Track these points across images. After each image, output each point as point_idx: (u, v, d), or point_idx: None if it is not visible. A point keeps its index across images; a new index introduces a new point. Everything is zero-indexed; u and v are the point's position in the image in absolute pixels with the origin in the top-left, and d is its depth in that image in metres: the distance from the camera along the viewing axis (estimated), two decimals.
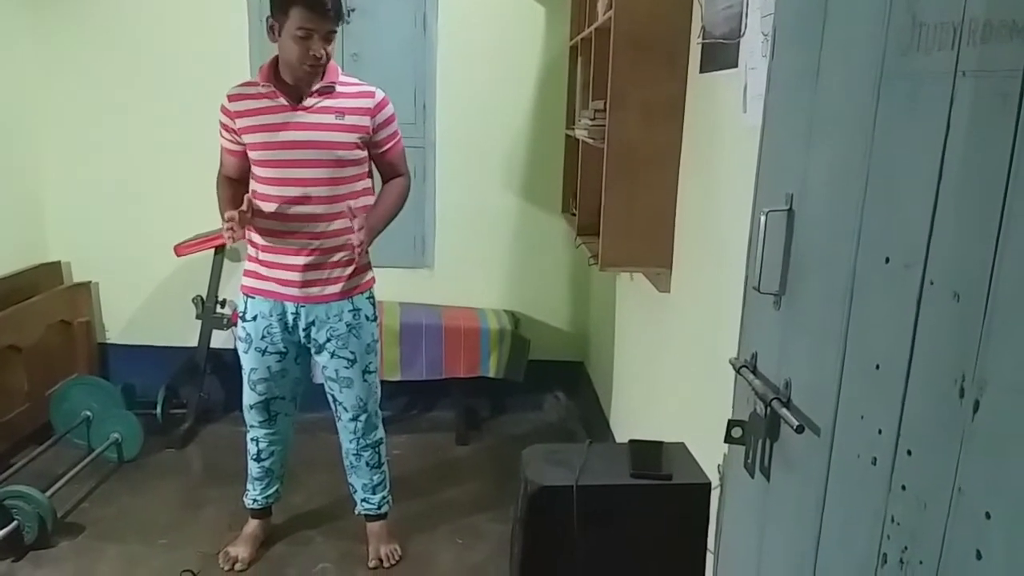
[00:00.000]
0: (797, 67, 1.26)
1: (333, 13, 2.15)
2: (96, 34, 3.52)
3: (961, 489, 0.80)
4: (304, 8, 2.11)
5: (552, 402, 3.94)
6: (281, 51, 2.21)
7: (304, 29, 2.13)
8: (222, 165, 2.43)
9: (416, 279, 3.71)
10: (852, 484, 1.03)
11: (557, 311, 3.87)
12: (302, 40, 2.14)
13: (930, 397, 0.86)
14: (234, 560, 2.57)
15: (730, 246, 1.76)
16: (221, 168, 2.44)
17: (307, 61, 2.17)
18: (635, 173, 2.23)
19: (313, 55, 2.16)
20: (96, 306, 3.78)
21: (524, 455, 1.77)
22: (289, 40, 2.15)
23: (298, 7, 2.11)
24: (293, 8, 2.12)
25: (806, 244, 1.20)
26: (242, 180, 2.38)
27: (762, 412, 1.28)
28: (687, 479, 1.68)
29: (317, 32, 2.14)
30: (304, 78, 2.23)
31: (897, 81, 0.96)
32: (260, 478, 2.62)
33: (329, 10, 2.13)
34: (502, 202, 3.71)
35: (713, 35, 1.91)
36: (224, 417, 3.65)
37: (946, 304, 0.84)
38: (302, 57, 2.16)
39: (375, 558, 2.61)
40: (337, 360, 2.42)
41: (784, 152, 1.30)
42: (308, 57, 2.16)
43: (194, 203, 3.26)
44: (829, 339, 1.09)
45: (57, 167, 3.64)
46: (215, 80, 2.62)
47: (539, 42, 3.55)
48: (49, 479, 2.87)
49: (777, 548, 1.29)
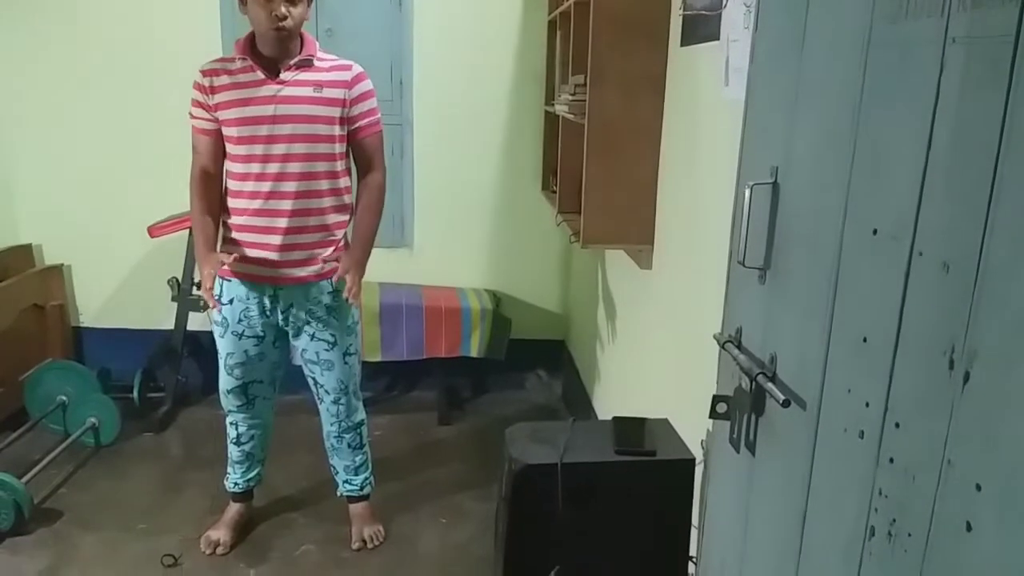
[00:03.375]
0: (781, 37, 1.24)
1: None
2: (64, 15, 3.42)
3: (951, 461, 0.79)
4: None
5: (534, 381, 3.94)
6: (251, 21, 2.17)
7: None
8: (196, 154, 2.30)
9: (396, 259, 3.67)
10: (839, 458, 1.03)
11: (538, 290, 3.86)
12: (266, 3, 2.10)
13: (919, 369, 0.86)
14: (216, 544, 2.55)
15: (712, 221, 1.75)
16: (195, 160, 2.30)
17: (272, 24, 2.12)
18: (616, 149, 2.21)
19: (275, 16, 2.11)
20: (69, 289, 3.71)
21: (508, 434, 1.76)
22: (255, 5, 2.11)
23: None
24: None
25: (791, 217, 1.19)
26: (218, 174, 2.32)
27: (747, 387, 1.28)
28: (671, 455, 1.69)
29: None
30: (275, 44, 2.18)
31: (885, 49, 0.94)
32: (240, 461, 2.59)
33: None
34: (482, 180, 3.68)
35: (694, 7, 1.88)
36: (203, 400, 3.61)
37: (935, 275, 0.83)
38: (268, 20, 2.12)
39: (358, 539, 2.60)
40: (317, 343, 2.39)
41: (768, 125, 1.28)
42: (272, 19, 2.11)
43: (167, 184, 3.20)
44: (815, 313, 1.08)
45: (26, 148, 3.55)
46: (187, 60, 2.55)
47: (517, 16, 3.50)
48: (25, 465, 2.83)
49: (763, 523, 1.29)
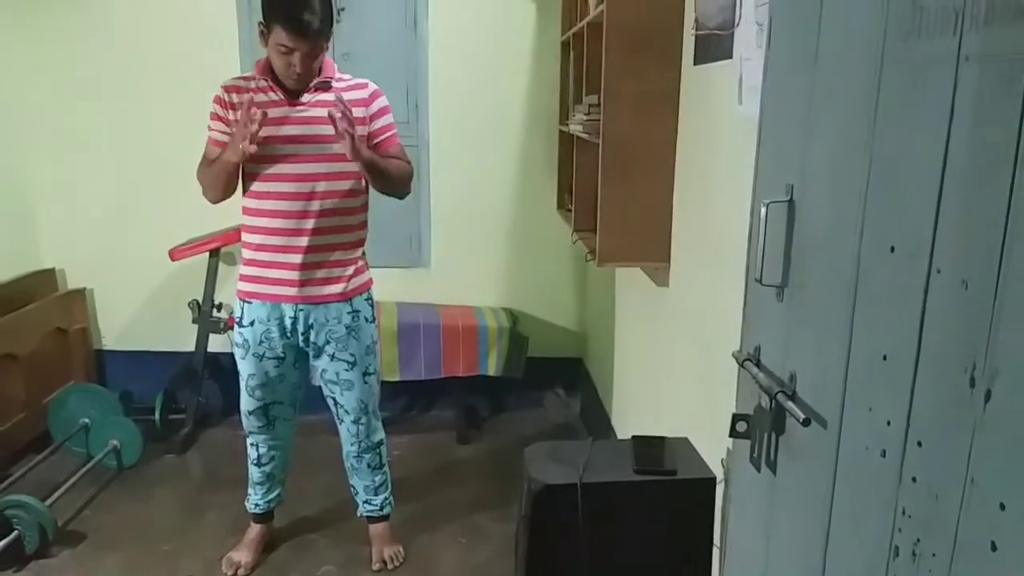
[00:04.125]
0: (794, 56, 1.24)
1: (313, 36, 2.11)
2: (88, 40, 3.49)
3: (974, 480, 0.79)
4: (284, 28, 2.09)
5: (552, 399, 3.93)
6: (269, 58, 2.20)
7: (285, 47, 2.11)
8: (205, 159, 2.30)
9: (412, 278, 3.69)
10: (861, 477, 1.02)
11: (555, 308, 3.86)
12: (283, 56, 2.13)
13: (940, 387, 0.85)
14: (237, 565, 2.56)
15: (728, 239, 1.75)
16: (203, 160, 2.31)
17: (290, 75, 2.17)
18: (631, 167, 2.21)
19: (295, 70, 2.15)
20: (92, 313, 3.76)
21: (527, 453, 1.76)
22: (273, 52, 2.15)
23: (279, 26, 2.09)
24: (275, 24, 2.10)
25: (808, 235, 1.19)
26: None
27: (767, 405, 1.27)
28: (691, 474, 1.68)
29: (298, 50, 2.12)
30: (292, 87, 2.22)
31: (898, 67, 0.94)
32: (261, 483, 2.60)
33: (309, 34, 2.10)
34: (497, 199, 3.70)
35: (707, 26, 1.89)
36: (223, 421, 3.64)
37: (954, 292, 0.83)
38: (284, 71, 2.17)
39: (379, 560, 2.60)
40: (337, 363, 2.41)
41: (783, 142, 1.29)
42: (290, 71, 2.16)
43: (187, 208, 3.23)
44: (834, 330, 1.08)
45: (49, 173, 3.61)
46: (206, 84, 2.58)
47: (530, 38, 3.54)
48: (49, 488, 2.86)
49: (785, 542, 1.28)
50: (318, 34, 2.12)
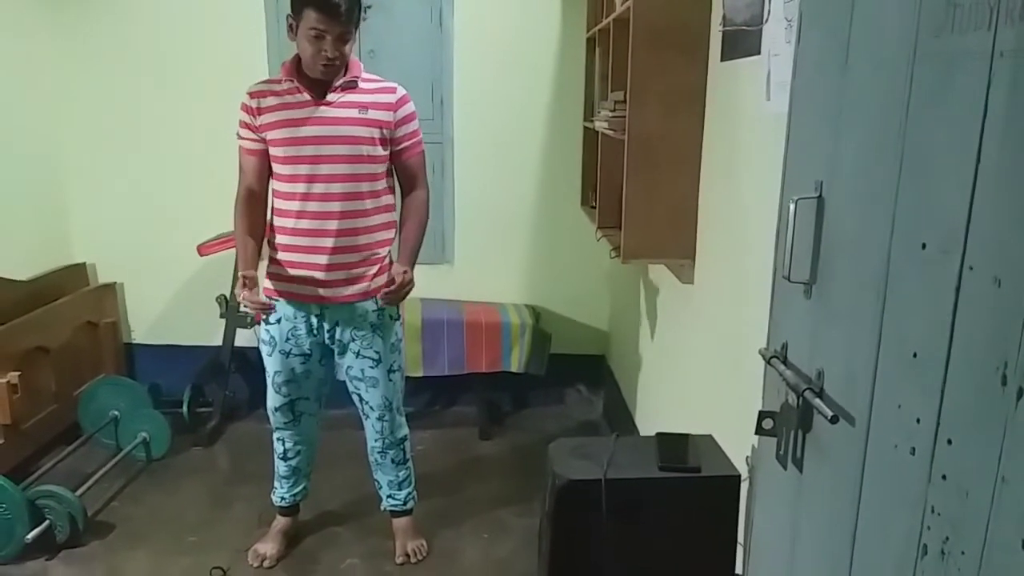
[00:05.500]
0: (824, 52, 1.23)
1: (345, 16, 2.12)
2: (118, 36, 3.54)
3: (1005, 479, 0.78)
4: (316, 9, 2.10)
5: (575, 396, 3.93)
6: (299, 49, 2.21)
7: (316, 30, 2.12)
8: (242, 174, 2.36)
9: (436, 275, 3.70)
10: (890, 474, 1.02)
11: (578, 304, 3.86)
12: (315, 40, 2.14)
13: (971, 385, 0.85)
14: (263, 557, 2.59)
15: (754, 235, 1.74)
16: (241, 180, 2.36)
17: (320, 61, 2.17)
18: (656, 164, 2.21)
19: (325, 55, 2.16)
20: (122, 307, 3.82)
21: (551, 449, 1.76)
22: (304, 40, 2.16)
23: (311, 8, 2.11)
24: (306, 8, 2.11)
25: (837, 232, 1.18)
26: (263, 194, 2.37)
27: (794, 403, 1.27)
28: (716, 471, 1.67)
29: (329, 33, 2.13)
30: (320, 77, 2.23)
31: (931, 63, 0.93)
32: (287, 476, 2.63)
33: (342, 13, 2.11)
34: (521, 196, 3.70)
35: (734, 22, 1.88)
36: (250, 415, 3.68)
37: (987, 290, 0.82)
38: (315, 57, 2.17)
39: (402, 554, 2.62)
40: (362, 360, 2.42)
41: (812, 139, 1.28)
42: (321, 57, 2.16)
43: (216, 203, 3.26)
44: (863, 327, 1.07)
45: (80, 169, 3.67)
46: (236, 80, 2.62)
47: (556, 34, 3.53)
48: (79, 479, 2.91)
49: (811, 541, 1.28)
50: (349, 15, 2.14)
